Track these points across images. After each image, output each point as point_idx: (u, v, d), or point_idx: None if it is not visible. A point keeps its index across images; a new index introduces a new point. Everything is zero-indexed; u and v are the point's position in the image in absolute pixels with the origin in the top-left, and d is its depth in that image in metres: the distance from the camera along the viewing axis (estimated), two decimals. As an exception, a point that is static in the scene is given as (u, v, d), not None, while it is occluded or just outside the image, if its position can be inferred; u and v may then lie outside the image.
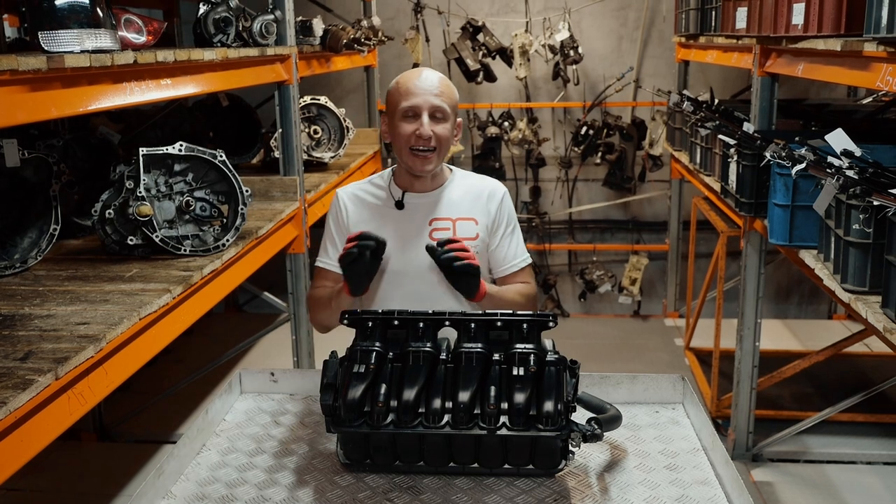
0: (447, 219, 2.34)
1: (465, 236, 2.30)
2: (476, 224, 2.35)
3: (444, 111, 2.26)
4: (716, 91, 5.15)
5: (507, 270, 2.42)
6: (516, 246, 2.43)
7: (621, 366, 5.52)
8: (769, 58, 3.84)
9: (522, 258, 2.43)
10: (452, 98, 2.31)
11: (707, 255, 6.01)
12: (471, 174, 2.47)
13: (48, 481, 4.08)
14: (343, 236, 2.34)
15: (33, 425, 1.89)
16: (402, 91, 2.27)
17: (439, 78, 2.30)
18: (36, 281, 2.69)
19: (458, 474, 1.83)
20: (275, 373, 2.31)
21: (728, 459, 1.79)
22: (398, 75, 2.35)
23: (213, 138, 4.51)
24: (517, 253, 2.42)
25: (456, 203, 2.36)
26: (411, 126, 2.25)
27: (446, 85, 2.30)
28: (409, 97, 2.25)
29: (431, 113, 2.25)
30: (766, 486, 3.99)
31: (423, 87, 2.26)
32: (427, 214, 2.34)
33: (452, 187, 2.39)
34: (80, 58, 2.22)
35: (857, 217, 2.72)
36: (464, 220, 2.35)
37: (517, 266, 2.42)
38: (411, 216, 2.34)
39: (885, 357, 5.06)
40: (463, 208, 2.36)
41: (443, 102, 2.26)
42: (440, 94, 2.26)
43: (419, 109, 2.25)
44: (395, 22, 6.51)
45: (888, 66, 2.57)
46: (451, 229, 2.33)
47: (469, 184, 2.42)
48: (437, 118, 2.26)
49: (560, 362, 1.78)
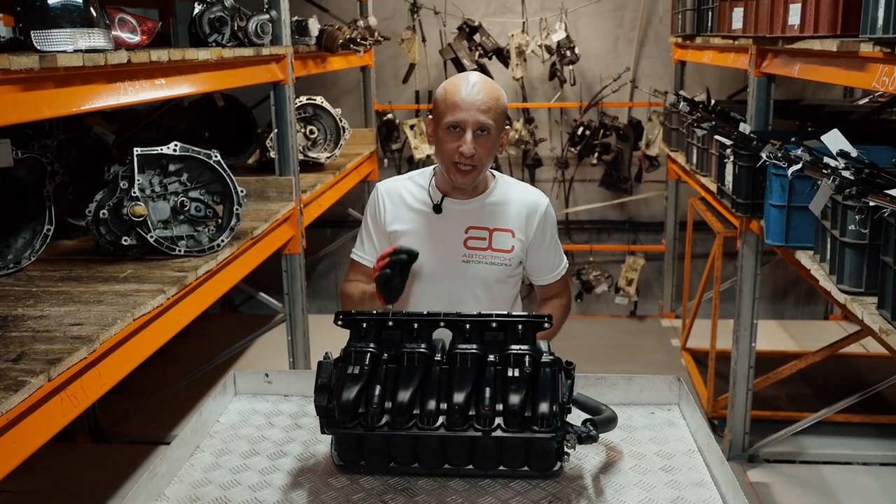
0: (484, 228, 2.33)
1: (499, 248, 2.32)
2: (513, 236, 2.33)
3: (489, 127, 2.19)
4: (712, 92, 5.15)
5: (548, 280, 2.46)
6: (557, 256, 2.45)
7: (617, 367, 5.51)
8: (765, 58, 3.84)
9: (562, 267, 2.47)
10: (500, 110, 2.22)
11: (703, 255, 6.00)
12: (515, 182, 2.43)
13: (42, 483, 4.06)
14: (380, 232, 2.37)
15: (26, 427, 1.88)
16: (449, 103, 2.19)
17: (488, 90, 2.20)
18: (29, 281, 2.68)
19: (453, 476, 1.83)
20: (269, 374, 2.30)
21: (724, 461, 1.79)
22: (446, 80, 2.27)
23: (209, 138, 4.50)
24: (557, 263, 2.45)
25: (495, 213, 2.34)
26: (455, 141, 2.19)
27: (495, 98, 2.21)
28: (455, 111, 2.18)
29: (476, 129, 2.18)
30: (763, 486, 3.99)
31: (470, 102, 2.17)
32: (464, 221, 2.32)
33: (494, 196, 2.36)
34: (74, 57, 2.21)
35: (853, 218, 2.72)
36: (501, 230, 2.33)
37: (557, 276, 2.46)
38: (448, 221, 2.32)
39: (880, 358, 5.06)
40: (501, 219, 2.33)
41: (489, 119, 2.18)
42: (487, 109, 2.18)
43: (464, 125, 2.18)
44: (391, 22, 6.50)
45: (884, 66, 2.57)
46: (487, 239, 2.32)
47: (511, 194, 2.37)
48: (481, 135, 2.19)
49: (555, 363, 1.78)
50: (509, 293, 2.41)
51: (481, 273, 2.31)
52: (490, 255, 2.32)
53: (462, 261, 2.31)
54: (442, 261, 2.31)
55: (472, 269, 2.31)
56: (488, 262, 2.31)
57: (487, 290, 2.34)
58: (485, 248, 2.32)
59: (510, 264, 2.33)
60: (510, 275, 2.36)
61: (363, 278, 2.38)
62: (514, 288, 2.42)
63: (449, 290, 2.31)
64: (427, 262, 2.29)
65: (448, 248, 2.31)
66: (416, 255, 2.09)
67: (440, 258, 2.31)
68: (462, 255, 2.31)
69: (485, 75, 2.28)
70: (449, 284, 2.32)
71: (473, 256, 2.32)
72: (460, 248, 2.31)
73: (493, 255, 2.32)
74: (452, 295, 2.30)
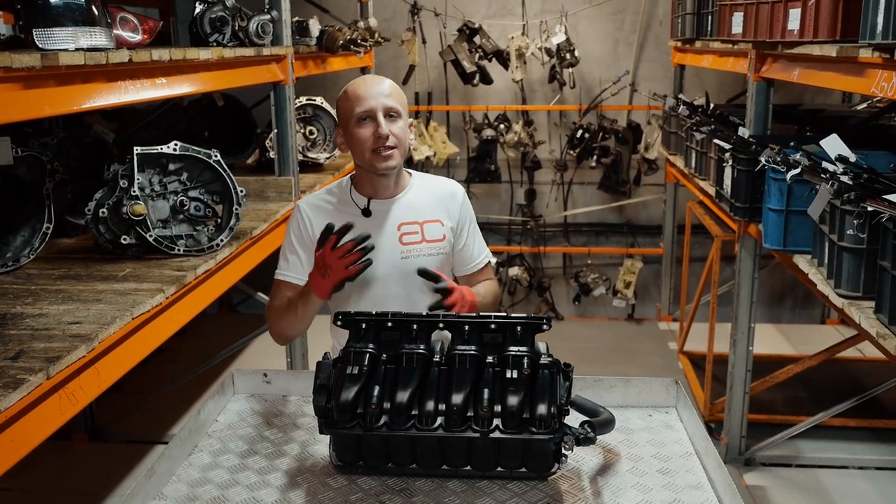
0: (414, 222, 2.38)
1: (432, 238, 2.38)
2: (442, 226, 2.40)
3: (397, 110, 2.29)
4: (711, 95, 5.16)
5: (474, 268, 2.50)
6: (479, 244, 2.52)
7: (615, 369, 5.52)
8: (765, 63, 3.85)
9: (485, 254, 2.53)
10: (402, 99, 2.35)
11: (701, 259, 6.01)
12: (428, 176, 2.52)
13: (39, 481, 4.06)
14: (306, 248, 2.34)
15: (24, 425, 1.88)
16: (353, 98, 2.30)
17: (388, 82, 2.34)
18: (28, 280, 2.68)
19: (451, 477, 1.83)
20: (268, 374, 2.30)
21: (721, 463, 1.79)
22: (344, 87, 2.37)
23: (208, 138, 4.50)
24: (480, 251, 2.51)
25: (421, 206, 2.40)
26: (369, 129, 2.27)
27: (394, 87, 2.34)
28: (362, 102, 2.28)
29: (386, 113, 2.28)
30: (759, 490, 4.00)
31: (374, 90, 2.29)
32: (394, 219, 2.37)
33: (415, 190, 2.42)
34: (75, 56, 2.21)
35: (852, 222, 2.73)
36: (430, 222, 2.40)
37: (482, 263, 2.52)
38: (379, 222, 2.35)
39: (877, 362, 5.07)
40: (428, 211, 2.40)
41: (395, 102, 2.30)
42: (390, 94, 2.30)
43: (374, 112, 2.27)
44: (391, 23, 6.51)
45: (883, 72, 2.58)
46: (420, 232, 2.37)
47: (430, 186, 2.46)
48: (391, 117, 2.29)
49: (553, 365, 1.78)
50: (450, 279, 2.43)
51: (422, 265, 2.32)
52: (426, 246, 2.37)
53: (402, 257, 2.35)
54: (383, 261, 2.31)
55: (413, 262, 2.33)
56: (426, 255, 2.37)
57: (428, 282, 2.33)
58: (419, 241, 2.37)
59: (445, 252, 2.40)
60: (447, 263, 2.43)
61: (290, 295, 2.32)
62: (449, 277, 2.42)
63: (395, 288, 2.34)
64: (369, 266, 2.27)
65: (386, 247, 2.33)
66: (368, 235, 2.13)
67: (379, 259, 2.29)
68: (401, 252, 2.35)
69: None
70: (395, 283, 2.34)
71: (411, 251, 2.36)
72: (397, 246, 2.35)
73: (429, 246, 2.37)
74: (401, 292, 2.34)
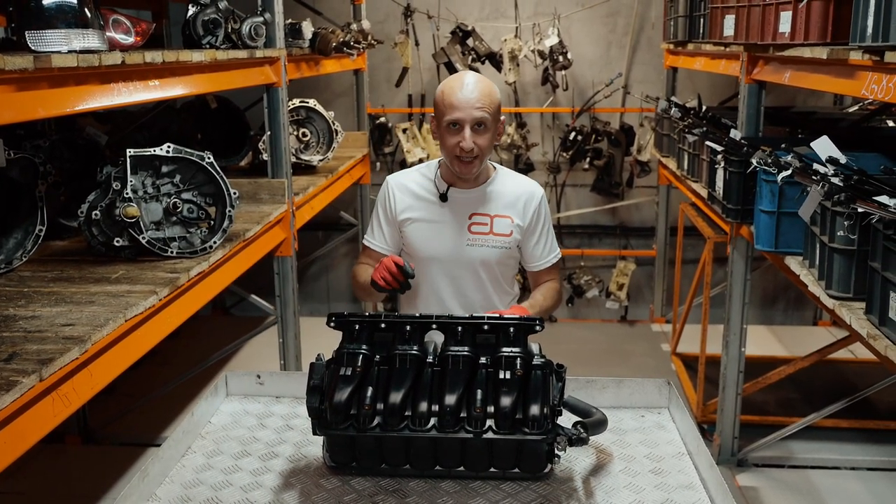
0: (486, 214, 2.55)
1: (500, 232, 2.54)
2: (511, 222, 2.55)
3: (485, 122, 2.41)
4: (703, 98, 5.19)
5: (540, 266, 2.65)
6: (550, 244, 2.65)
7: (607, 371, 5.52)
8: (756, 65, 3.86)
9: (554, 254, 2.66)
10: (494, 105, 2.43)
11: (694, 260, 6.03)
12: (513, 174, 2.65)
13: (32, 484, 4.04)
14: (389, 221, 2.61)
15: (17, 427, 1.88)
16: (447, 103, 2.41)
17: (481, 88, 2.41)
18: (21, 282, 2.68)
19: (444, 477, 1.84)
20: (261, 375, 2.31)
21: (713, 464, 1.80)
22: (444, 82, 2.48)
23: (201, 140, 4.49)
24: (550, 250, 2.64)
25: (495, 200, 2.56)
26: (455, 138, 2.41)
27: (487, 94, 2.42)
28: (453, 111, 2.40)
29: (474, 124, 2.40)
30: (751, 490, 4.01)
31: (466, 101, 2.39)
32: (468, 209, 2.54)
33: (494, 185, 2.58)
34: (68, 58, 2.21)
35: (842, 224, 2.74)
36: (501, 217, 2.55)
37: (549, 263, 2.65)
38: (453, 209, 2.55)
39: (869, 363, 5.09)
40: (501, 206, 2.55)
41: (485, 114, 2.40)
42: (482, 106, 2.39)
43: (462, 122, 2.39)
44: (384, 25, 6.51)
45: (873, 74, 2.60)
46: (489, 224, 2.54)
47: (510, 183, 2.60)
48: (478, 130, 2.41)
49: (546, 366, 1.79)
50: (508, 273, 2.64)
51: (484, 255, 2.54)
52: (492, 238, 2.54)
53: (467, 244, 2.53)
54: (448, 245, 2.53)
55: (476, 251, 2.54)
56: (490, 246, 2.54)
57: (489, 270, 2.57)
58: (487, 233, 2.54)
59: (509, 247, 2.56)
60: (510, 256, 2.59)
61: (372, 262, 2.61)
62: (512, 269, 2.66)
63: (455, 270, 2.55)
64: (435, 247, 2.55)
65: (454, 233, 2.54)
66: (413, 276, 2.38)
67: (446, 243, 2.54)
68: (467, 240, 2.53)
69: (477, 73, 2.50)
70: (455, 266, 2.55)
71: (477, 241, 2.54)
72: (465, 233, 2.53)
73: (494, 239, 2.54)
74: (457, 274, 2.55)
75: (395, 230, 2.61)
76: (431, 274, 2.57)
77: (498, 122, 2.48)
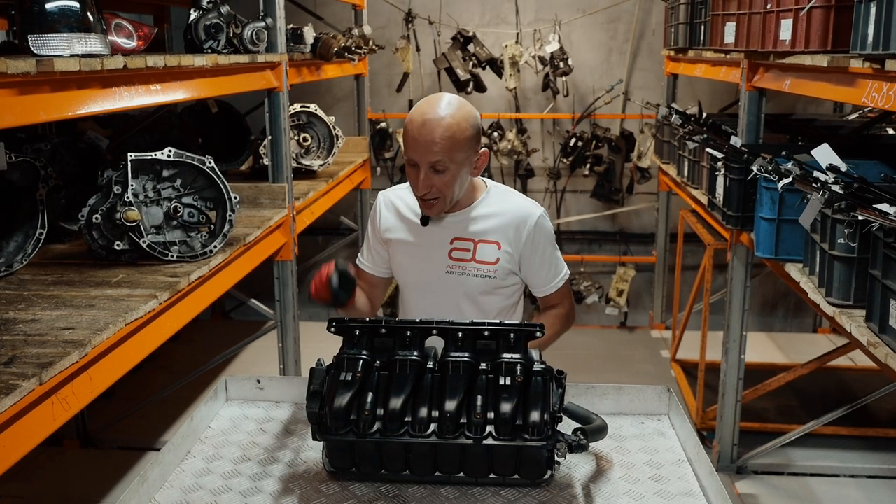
0: (469, 239, 2.33)
1: (483, 259, 2.31)
2: (498, 248, 2.32)
3: (443, 165, 2.17)
4: (704, 105, 5.19)
5: (545, 293, 2.44)
6: (553, 268, 2.40)
7: (607, 377, 5.52)
8: (757, 72, 3.87)
9: (559, 278, 2.43)
10: (458, 145, 2.17)
11: (694, 267, 6.03)
12: (508, 193, 2.40)
13: (30, 488, 4.04)
14: (377, 239, 2.46)
15: (16, 430, 1.88)
16: (407, 137, 2.20)
17: (444, 126, 2.15)
18: (21, 285, 2.68)
19: (444, 483, 1.83)
20: (261, 380, 2.30)
21: (713, 471, 1.80)
22: (416, 105, 2.24)
23: (202, 145, 4.49)
24: (554, 274, 2.41)
25: (481, 225, 2.33)
26: (414, 174, 2.21)
27: (449, 135, 2.15)
28: (409, 149, 2.19)
29: (431, 167, 2.18)
30: (750, 498, 4.01)
31: (423, 141, 2.15)
32: (450, 233, 2.33)
33: (482, 207, 2.34)
34: (70, 62, 2.21)
35: (843, 231, 2.75)
36: (486, 242, 2.32)
37: (554, 287, 2.43)
38: (434, 233, 2.34)
39: (868, 371, 5.09)
40: (488, 231, 2.32)
41: (442, 157, 2.15)
42: (439, 150, 2.15)
43: (419, 163, 2.18)
44: (385, 31, 6.52)
45: (874, 82, 2.60)
46: (472, 251, 2.32)
47: (502, 205, 2.35)
48: (437, 171, 2.18)
49: (546, 372, 1.79)
50: (499, 304, 2.39)
51: (465, 284, 2.32)
52: (473, 266, 2.32)
53: (446, 272, 2.33)
54: (427, 272, 2.35)
55: (456, 280, 2.32)
56: (471, 274, 2.32)
57: (472, 302, 2.35)
58: (468, 260, 2.32)
59: (495, 276, 2.31)
60: (497, 286, 2.35)
61: (363, 284, 2.48)
62: (506, 300, 2.40)
63: (435, 299, 2.35)
64: (414, 273, 2.38)
65: (433, 259, 2.34)
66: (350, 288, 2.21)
67: (426, 269, 2.35)
68: (446, 266, 2.33)
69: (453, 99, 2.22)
70: (435, 295, 2.35)
71: (457, 268, 2.32)
72: (445, 260, 2.32)
73: (477, 267, 2.31)
74: (439, 305, 2.32)
75: (381, 250, 2.44)
76: (413, 302, 2.40)
77: (469, 160, 2.22)
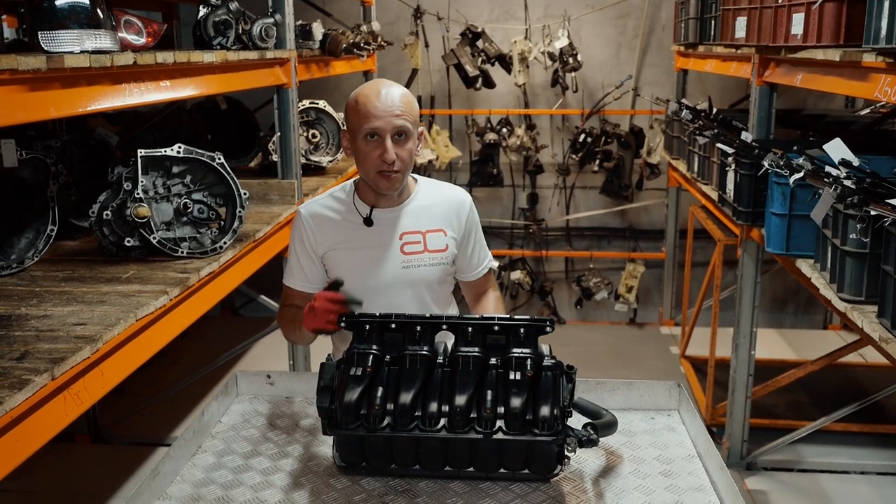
0: (417, 232, 2.33)
1: (434, 248, 2.33)
2: (445, 235, 2.34)
3: (407, 131, 2.18)
4: (714, 100, 5.18)
5: (479, 274, 2.48)
6: (483, 252, 2.49)
7: (616, 373, 5.52)
8: (768, 67, 3.85)
9: (489, 258, 2.51)
10: (414, 112, 2.23)
11: (704, 263, 6.01)
12: (434, 182, 2.45)
13: (42, 483, 4.06)
14: (309, 257, 2.33)
15: (29, 426, 1.89)
16: (363, 112, 2.17)
17: (400, 95, 2.20)
18: (32, 281, 2.69)
19: (454, 478, 1.83)
20: (271, 375, 2.31)
21: (723, 466, 1.80)
22: (356, 90, 2.24)
23: (211, 141, 4.51)
24: (483, 258, 2.49)
25: (424, 215, 2.34)
26: (376, 149, 2.18)
27: (407, 101, 2.21)
28: (371, 119, 2.16)
29: (395, 134, 2.17)
30: (760, 494, 3.99)
31: (385, 109, 2.16)
32: (397, 229, 2.31)
33: (419, 198, 2.36)
34: (80, 58, 2.22)
35: (854, 227, 2.73)
36: (433, 231, 2.34)
37: (486, 268, 2.50)
38: (381, 231, 2.31)
39: (879, 367, 5.06)
40: (432, 220, 2.34)
41: (405, 122, 2.17)
42: (402, 113, 2.17)
43: (382, 132, 2.16)
44: (394, 27, 6.52)
45: (887, 76, 2.59)
46: (422, 242, 2.32)
47: (435, 194, 2.39)
48: (399, 140, 2.18)
49: (557, 367, 1.78)
50: (447, 292, 2.44)
51: (423, 276, 2.32)
52: (427, 256, 2.32)
53: (402, 267, 2.31)
54: (382, 271, 2.30)
55: (413, 273, 2.31)
56: (427, 265, 2.32)
57: (431, 292, 2.36)
58: (421, 251, 2.32)
59: (447, 262, 2.35)
60: (448, 273, 2.39)
61: (299, 303, 2.31)
62: (450, 287, 2.45)
63: (394, 297, 2.30)
64: (368, 275, 2.29)
65: (386, 257, 2.30)
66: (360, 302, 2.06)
67: (380, 269, 2.30)
68: (401, 262, 2.31)
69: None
70: (394, 292, 2.31)
71: (412, 261, 2.31)
72: (398, 255, 2.30)
73: (431, 257, 2.33)
74: (398, 301, 2.29)
75: (316, 266, 2.34)
76: (383, 305, 2.21)
77: (419, 132, 2.26)
